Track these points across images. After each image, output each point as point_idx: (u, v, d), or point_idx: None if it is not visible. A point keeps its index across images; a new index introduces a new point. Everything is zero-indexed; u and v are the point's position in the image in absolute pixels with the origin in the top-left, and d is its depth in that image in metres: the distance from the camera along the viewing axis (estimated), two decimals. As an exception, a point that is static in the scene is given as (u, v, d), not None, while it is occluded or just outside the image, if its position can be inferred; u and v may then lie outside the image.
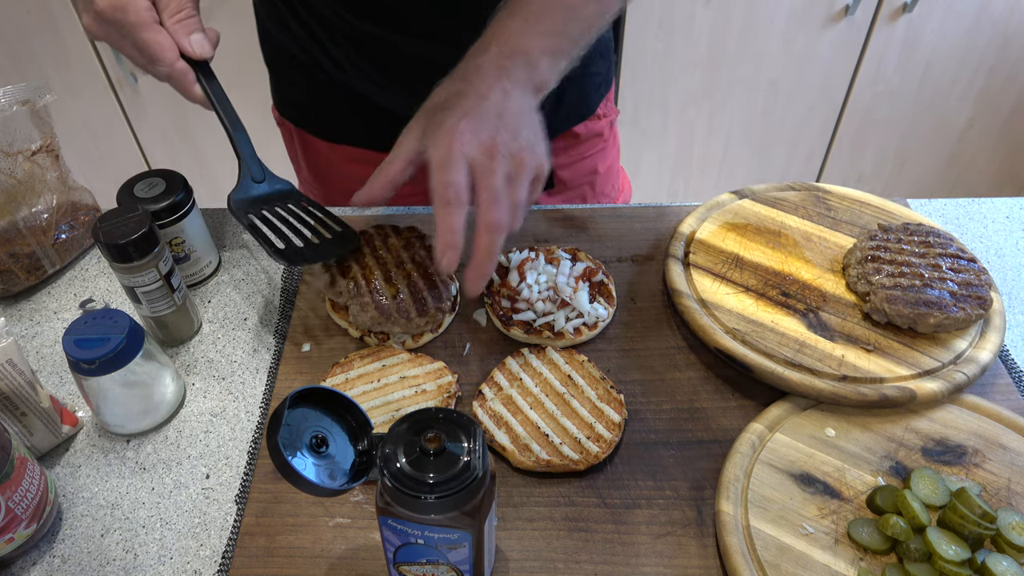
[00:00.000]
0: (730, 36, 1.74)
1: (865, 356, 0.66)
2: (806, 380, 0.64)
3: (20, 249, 0.77)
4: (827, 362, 0.65)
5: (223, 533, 0.59)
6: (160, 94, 1.87)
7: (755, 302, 0.71)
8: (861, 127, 1.96)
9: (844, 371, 0.65)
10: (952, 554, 0.52)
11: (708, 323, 0.69)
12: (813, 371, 0.65)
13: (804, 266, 0.75)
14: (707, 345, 0.68)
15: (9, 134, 0.74)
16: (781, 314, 0.70)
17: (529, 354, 0.68)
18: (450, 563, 0.48)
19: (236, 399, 0.69)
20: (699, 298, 0.71)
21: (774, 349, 0.66)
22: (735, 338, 0.68)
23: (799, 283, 0.73)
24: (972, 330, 0.68)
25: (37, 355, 0.73)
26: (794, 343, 0.67)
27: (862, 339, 0.68)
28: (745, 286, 0.72)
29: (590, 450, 0.61)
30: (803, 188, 0.84)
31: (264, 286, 0.79)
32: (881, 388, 0.63)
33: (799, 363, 0.65)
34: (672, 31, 1.72)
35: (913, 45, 1.77)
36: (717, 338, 0.67)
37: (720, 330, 0.68)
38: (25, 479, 0.56)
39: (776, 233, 0.78)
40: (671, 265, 0.75)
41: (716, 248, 0.76)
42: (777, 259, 0.75)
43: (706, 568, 0.56)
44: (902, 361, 0.66)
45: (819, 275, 0.74)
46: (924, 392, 0.63)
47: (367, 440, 0.48)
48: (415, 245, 0.73)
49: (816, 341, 0.67)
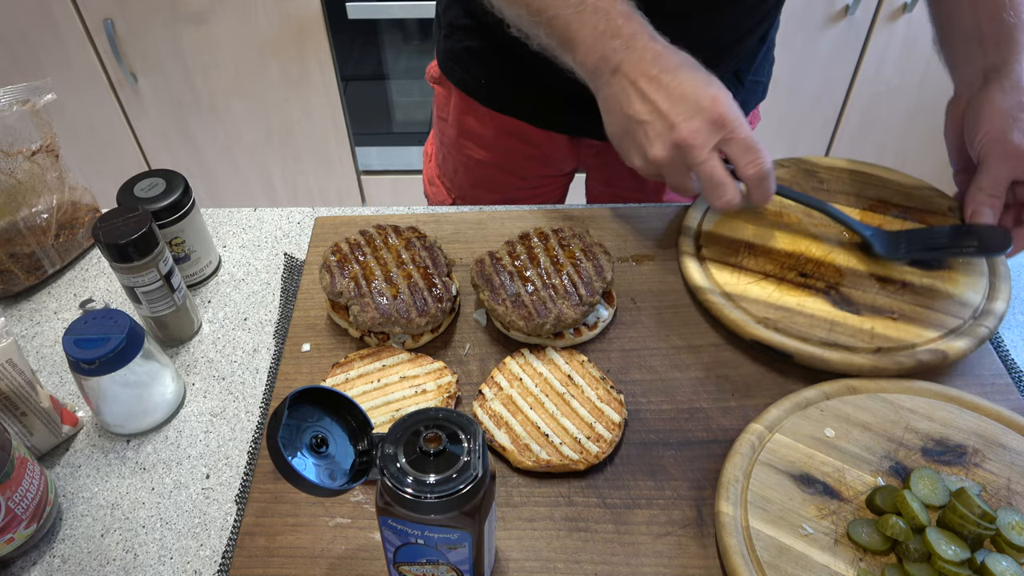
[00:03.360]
0: (730, 36, 1.74)
1: (893, 325, 0.68)
2: (846, 358, 0.65)
3: (20, 249, 0.77)
4: (860, 337, 0.67)
5: (223, 533, 0.59)
6: (160, 94, 1.87)
7: (776, 287, 0.72)
8: (861, 127, 1.96)
9: (877, 343, 0.66)
10: (952, 554, 0.52)
11: (739, 316, 0.69)
12: (849, 348, 0.66)
13: (813, 243, 0.76)
14: (742, 338, 0.69)
15: (9, 134, 0.74)
16: (805, 296, 0.71)
17: (529, 354, 0.68)
18: (450, 563, 0.48)
19: (236, 399, 0.69)
20: (723, 292, 0.72)
21: (808, 332, 0.67)
22: (768, 327, 0.68)
23: (814, 261, 0.74)
24: (982, 283, 0.71)
25: (37, 355, 0.73)
26: (825, 323, 0.68)
27: (886, 308, 0.70)
28: (763, 272, 0.73)
29: (590, 450, 0.61)
30: (790, 164, 0.85)
31: (264, 286, 0.79)
32: (916, 354, 0.65)
33: (835, 342, 0.67)
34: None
35: (913, 45, 1.77)
36: (751, 330, 0.68)
37: (752, 321, 0.69)
38: (25, 479, 0.56)
39: (778, 214, 0.79)
40: (687, 262, 0.75)
41: (726, 238, 0.77)
42: (786, 240, 0.76)
43: (706, 568, 0.56)
44: (927, 324, 0.68)
45: (830, 250, 0.75)
46: (955, 351, 0.65)
47: (367, 440, 0.49)
48: (415, 245, 0.73)
49: (844, 317, 0.69)
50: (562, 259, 0.71)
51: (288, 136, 1.97)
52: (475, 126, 0.97)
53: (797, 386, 0.66)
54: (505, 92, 0.93)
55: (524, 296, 0.68)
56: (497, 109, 0.94)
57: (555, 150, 0.98)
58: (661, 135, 0.65)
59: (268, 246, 0.84)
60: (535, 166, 1.01)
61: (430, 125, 2.18)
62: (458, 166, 1.03)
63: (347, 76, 1.89)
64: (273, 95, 1.88)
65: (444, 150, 1.05)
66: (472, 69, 0.93)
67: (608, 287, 0.72)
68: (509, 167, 1.00)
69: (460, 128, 0.99)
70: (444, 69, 0.97)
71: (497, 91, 0.93)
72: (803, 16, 1.73)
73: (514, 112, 0.94)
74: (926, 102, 1.88)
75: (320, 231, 0.83)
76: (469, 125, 0.98)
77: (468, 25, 0.91)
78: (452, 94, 0.97)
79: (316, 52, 1.79)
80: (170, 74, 1.83)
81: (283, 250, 0.83)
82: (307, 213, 0.87)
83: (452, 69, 0.95)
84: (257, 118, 1.93)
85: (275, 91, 1.87)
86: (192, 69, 1.82)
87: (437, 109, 1.03)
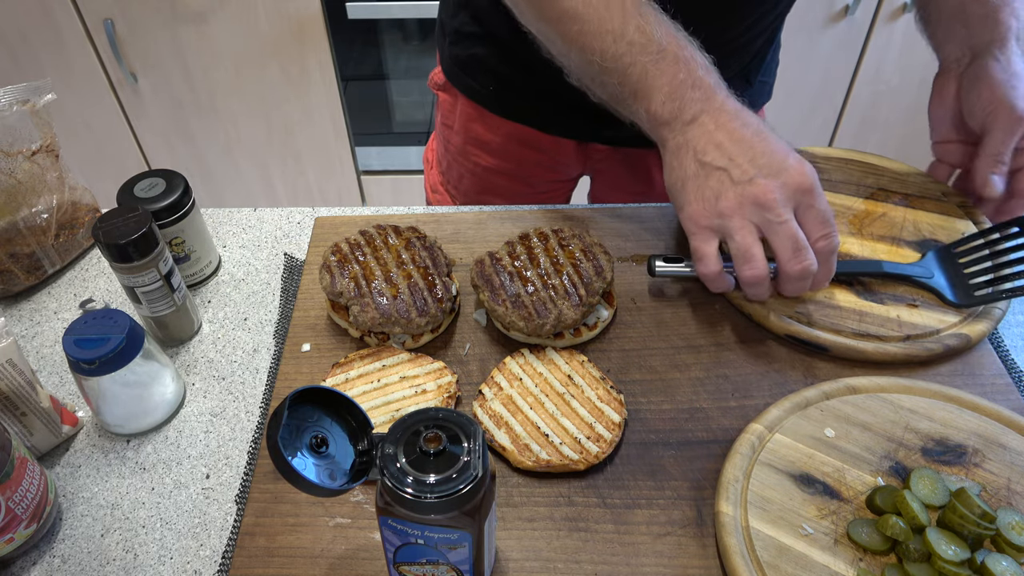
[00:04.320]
0: (730, 36, 1.74)
1: (916, 312, 0.69)
2: (880, 348, 0.67)
3: (20, 249, 0.77)
4: (888, 326, 0.68)
5: (223, 533, 0.59)
6: (160, 94, 1.87)
7: None
8: (861, 127, 1.96)
9: (905, 331, 0.68)
10: (951, 554, 0.52)
11: (768, 312, 0.70)
12: (880, 337, 0.67)
13: None
14: (775, 333, 0.70)
15: (9, 134, 0.74)
16: (831, 287, 0.72)
17: (529, 354, 0.68)
18: (450, 563, 0.48)
19: (236, 399, 0.69)
20: None
21: (839, 323, 0.68)
22: (801, 321, 0.69)
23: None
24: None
25: (37, 355, 0.73)
26: (853, 313, 0.69)
27: (905, 295, 0.71)
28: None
29: (590, 450, 0.61)
30: None
31: (264, 286, 0.79)
32: (942, 339, 0.67)
33: (866, 332, 0.68)
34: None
35: (913, 45, 1.78)
36: (784, 325, 0.69)
37: (784, 316, 0.69)
38: (25, 479, 0.56)
39: None
40: None
41: None
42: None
43: (706, 568, 0.56)
44: (946, 308, 0.69)
45: (842, 240, 0.76)
46: (976, 334, 0.68)
47: (367, 440, 0.49)
48: (415, 245, 0.73)
49: (870, 307, 0.70)
50: (562, 259, 0.71)
51: (288, 136, 1.97)
52: (483, 133, 0.97)
53: (797, 386, 0.66)
54: (514, 98, 0.93)
55: (524, 296, 0.68)
56: (506, 116, 0.94)
57: (563, 156, 0.98)
58: (737, 185, 0.63)
59: (268, 246, 0.84)
60: (543, 172, 1.00)
61: (430, 126, 2.18)
62: (464, 173, 1.03)
63: (347, 76, 1.89)
64: (273, 95, 1.88)
65: (449, 157, 1.04)
66: (480, 76, 0.93)
67: (608, 287, 0.72)
68: (517, 174, 1.00)
69: (467, 135, 0.99)
70: (450, 76, 0.96)
71: (506, 98, 0.93)
72: (803, 16, 1.73)
73: (523, 118, 0.93)
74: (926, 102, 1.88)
75: (320, 231, 0.83)
76: (476, 132, 0.97)
77: (475, 32, 0.90)
78: (458, 101, 0.97)
79: (316, 52, 1.80)
80: (170, 74, 1.83)
81: (283, 250, 0.83)
82: (307, 213, 0.87)
83: (459, 76, 0.95)
84: (257, 118, 1.93)
85: (275, 91, 1.87)
86: (192, 69, 1.82)
87: (441, 116, 1.03)
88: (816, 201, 0.63)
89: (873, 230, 0.77)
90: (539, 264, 0.71)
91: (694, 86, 0.65)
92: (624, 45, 0.66)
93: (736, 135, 0.64)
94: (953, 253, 0.74)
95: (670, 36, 0.66)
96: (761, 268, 0.64)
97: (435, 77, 1.00)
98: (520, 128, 0.94)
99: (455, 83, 0.96)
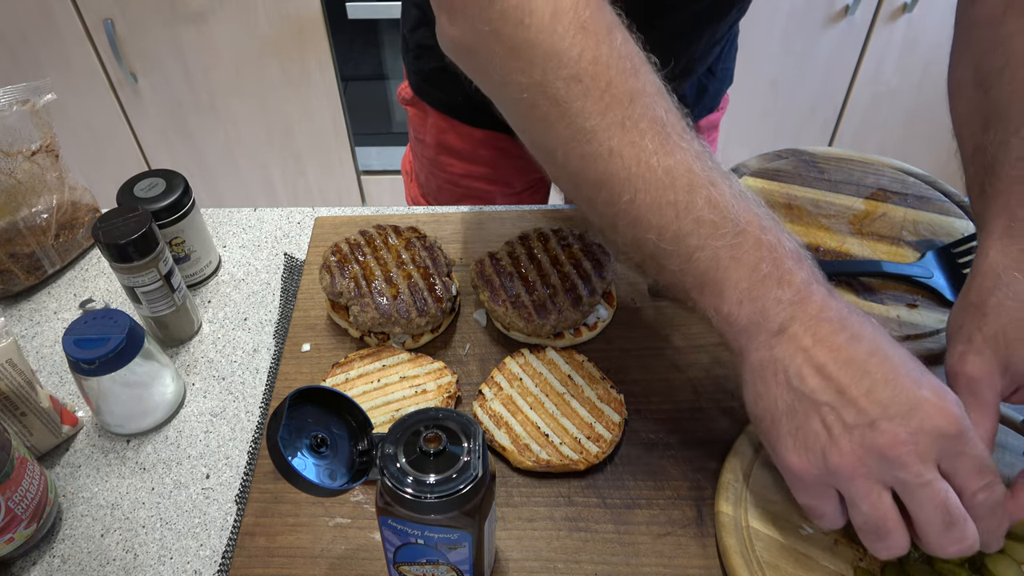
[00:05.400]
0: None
1: (916, 312, 0.69)
2: None
3: (20, 249, 0.77)
4: (888, 326, 0.68)
5: (223, 533, 0.59)
6: (160, 94, 1.87)
7: None
8: (861, 127, 1.97)
9: (905, 331, 0.67)
10: (952, 554, 0.52)
11: None
12: None
13: (826, 234, 0.76)
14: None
15: (9, 134, 0.74)
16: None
17: (529, 354, 0.68)
18: (450, 563, 0.48)
19: (236, 399, 0.69)
20: None
21: None
22: None
23: (831, 252, 0.75)
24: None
25: (37, 355, 0.73)
26: None
27: (905, 295, 0.71)
28: None
29: (590, 450, 0.61)
30: (789, 154, 0.86)
31: (264, 286, 0.79)
32: (941, 339, 0.67)
33: None
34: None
35: (913, 45, 1.78)
36: None
37: None
38: (25, 479, 0.56)
39: (787, 206, 0.79)
40: None
41: None
42: (799, 232, 0.77)
43: (706, 568, 0.56)
44: (946, 308, 0.69)
45: (843, 240, 0.76)
46: None
47: (367, 440, 0.49)
48: (415, 245, 0.73)
49: (871, 307, 0.70)
50: (562, 259, 0.71)
51: (288, 136, 1.97)
52: (455, 142, 0.97)
53: (797, 386, 0.66)
54: (485, 107, 0.92)
55: (524, 297, 0.68)
56: (478, 125, 0.93)
57: None
58: (852, 431, 0.46)
59: (268, 246, 0.84)
60: (520, 173, 1.00)
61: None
62: (441, 184, 1.03)
63: (347, 76, 1.89)
64: (273, 95, 1.88)
65: (425, 170, 1.04)
66: (447, 88, 0.92)
67: (608, 287, 0.72)
68: (494, 177, 1.00)
69: (439, 146, 0.98)
70: (418, 91, 0.96)
71: (477, 107, 0.92)
72: (803, 16, 1.73)
73: (496, 126, 0.92)
74: (926, 102, 1.88)
75: (320, 231, 0.83)
76: (450, 142, 0.97)
77: (437, 45, 0.90)
78: (428, 114, 0.97)
79: (316, 52, 1.80)
80: (170, 74, 1.83)
81: (283, 250, 0.83)
82: (307, 213, 0.87)
83: (426, 90, 0.95)
84: (257, 118, 1.93)
85: (275, 91, 1.87)
86: (192, 69, 1.82)
87: (413, 130, 1.02)
88: (970, 445, 0.46)
89: (873, 230, 0.77)
90: (539, 264, 0.71)
91: (781, 282, 0.49)
92: (690, 223, 0.49)
93: (844, 355, 0.47)
94: (953, 253, 0.74)
95: (750, 213, 0.50)
96: (902, 546, 0.47)
97: (403, 92, 1.00)
98: (493, 134, 0.94)
99: (424, 97, 0.96)
